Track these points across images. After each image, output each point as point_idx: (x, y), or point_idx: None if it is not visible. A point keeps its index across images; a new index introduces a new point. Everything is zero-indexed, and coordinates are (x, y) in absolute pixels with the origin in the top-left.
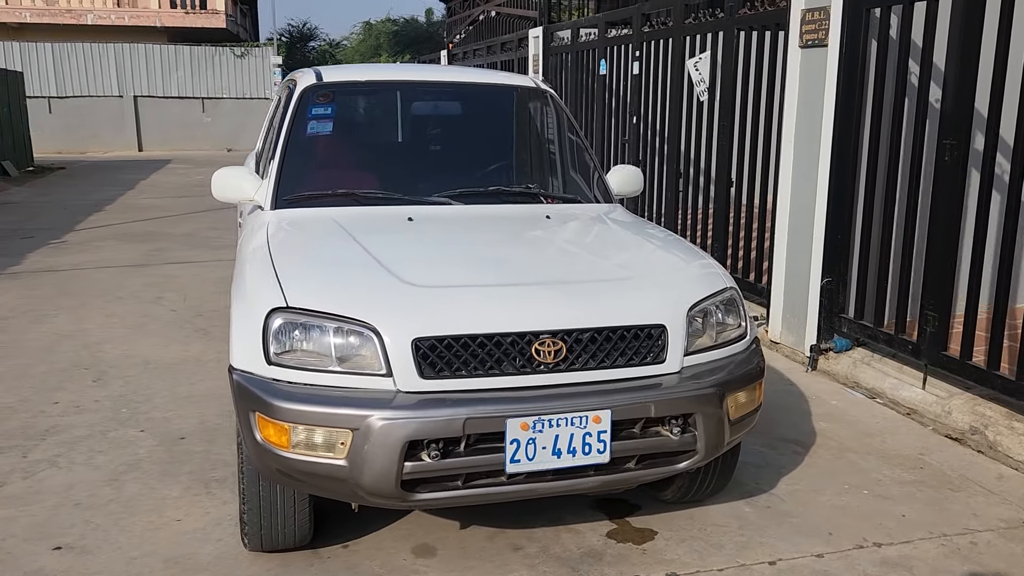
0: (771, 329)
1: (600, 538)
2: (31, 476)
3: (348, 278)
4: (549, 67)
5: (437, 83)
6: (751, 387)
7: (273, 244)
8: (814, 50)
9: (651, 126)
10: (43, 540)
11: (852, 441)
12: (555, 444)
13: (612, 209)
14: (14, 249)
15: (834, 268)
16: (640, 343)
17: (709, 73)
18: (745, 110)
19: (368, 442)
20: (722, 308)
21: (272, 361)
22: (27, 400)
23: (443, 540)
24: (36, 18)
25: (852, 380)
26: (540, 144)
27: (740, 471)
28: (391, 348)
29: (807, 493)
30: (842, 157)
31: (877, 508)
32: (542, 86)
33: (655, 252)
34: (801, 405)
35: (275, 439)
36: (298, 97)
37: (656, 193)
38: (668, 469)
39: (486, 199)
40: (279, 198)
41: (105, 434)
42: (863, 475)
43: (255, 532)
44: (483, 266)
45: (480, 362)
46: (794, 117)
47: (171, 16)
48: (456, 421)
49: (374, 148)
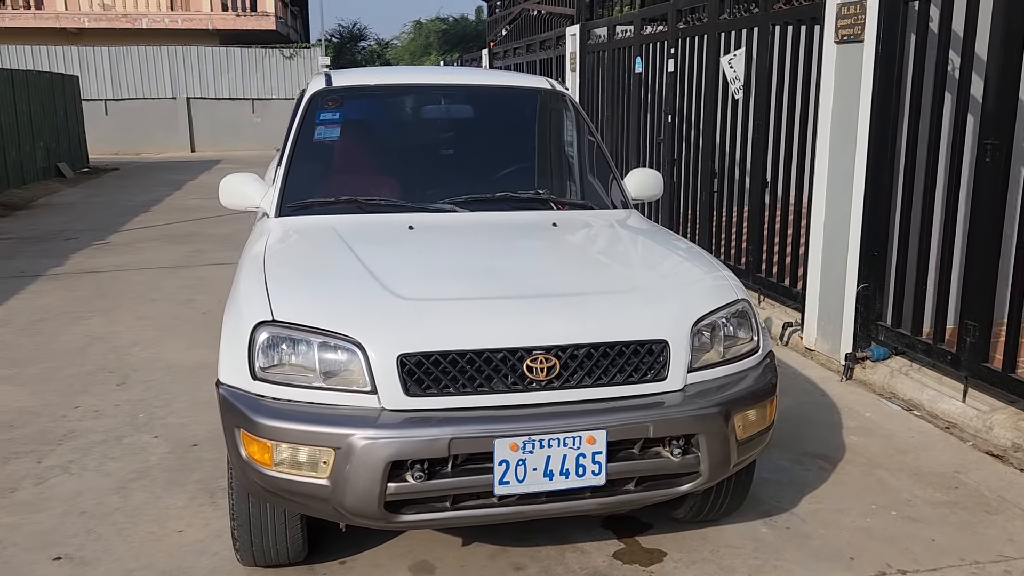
0: (806, 336)
1: (606, 559)
2: (42, 482)
3: (337, 291)
4: (586, 65)
5: (448, 86)
6: (761, 405)
7: (269, 254)
8: (850, 46)
9: (686, 125)
10: (44, 549)
11: (883, 457)
12: (547, 465)
13: (626, 215)
14: (59, 250)
15: (871, 273)
16: (640, 359)
17: (744, 70)
18: (780, 109)
19: (350, 462)
20: (733, 322)
21: (258, 376)
22: (50, 404)
23: (443, 558)
24: (94, 23)
25: (889, 391)
26: (553, 148)
27: (760, 488)
28: (376, 364)
29: (830, 513)
30: (878, 157)
31: (905, 531)
32: (557, 88)
33: (663, 263)
34: (832, 417)
35: (258, 456)
36: (307, 102)
37: (691, 194)
38: (670, 492)
39: (493, 206)
40: (283, 205)
41: (120, 440)
42: (892, 494)
43: (246, 548)
44: (477, 278)
45: (469, 379)
46: (829, 116)
47: (222, 19)
48: (441, 441)
49: (381, 153)
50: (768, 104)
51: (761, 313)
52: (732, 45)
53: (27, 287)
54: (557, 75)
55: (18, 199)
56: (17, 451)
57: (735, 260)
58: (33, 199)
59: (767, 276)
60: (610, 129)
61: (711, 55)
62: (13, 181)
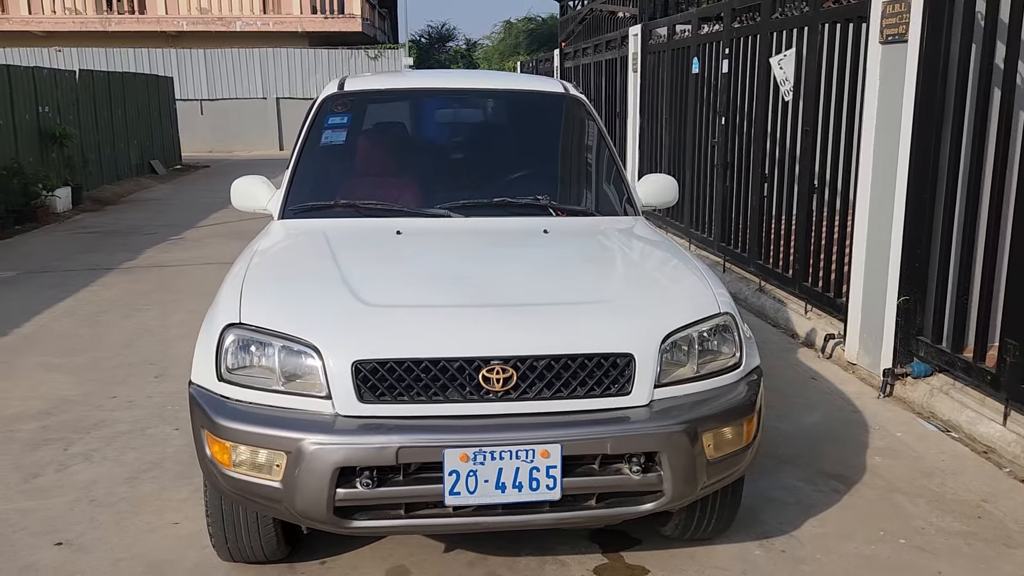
0: (848, 349)
1: (585, 573)
2: (64, 469)
3: (305, 296)
4: (647, 66)
5: (460, 91)
6: (737, 423)
7: (255, 258)
8: (894, 46)
9: (738, 127)
10: (49, 535)
11: (905, 481)
12: (499, 478)
13: (631, 223)
14: (135, 245)
15: (912, 284)
16: (603, 373)
17: (794, 72)
18: (828, 112)
19: (299, 467)
20: (714, 336)
21: (223, 377)
22: (89, 393)
23: (421, 564)
24: (191, 26)
25: (927, 410)
26: (563, 153)
27: (763, 507)
28: (331, 370)
29: (833, 538)
30: (921, 162)
31: (911, 562)
32: (571, 92)
33: (645, 273)
34: (859, 435)
35: (219, 457)
36: (317, 107)
37: (743, 199)
38: (632, 510)
39: (489, 211)
40: (286, 208)
41: (144, 431)
42: (905, 521)
43: (221, 545)
44: (446, 285)
45: (424, 388)
46: (874, 120)
47: (311, 21)
48: (389, 449)
49: (387, 157)
50: (816, 107)
51: (806, 324)
52: (783, 46)
53: (98, 280)
54: (620, 76)
55: (110, 194)
56: (49, 438)
57: (783, 268)
58: (124, 195)
59: (813, 285)
60: (669, 132)
61: (763, 56)
62: (108, 177)
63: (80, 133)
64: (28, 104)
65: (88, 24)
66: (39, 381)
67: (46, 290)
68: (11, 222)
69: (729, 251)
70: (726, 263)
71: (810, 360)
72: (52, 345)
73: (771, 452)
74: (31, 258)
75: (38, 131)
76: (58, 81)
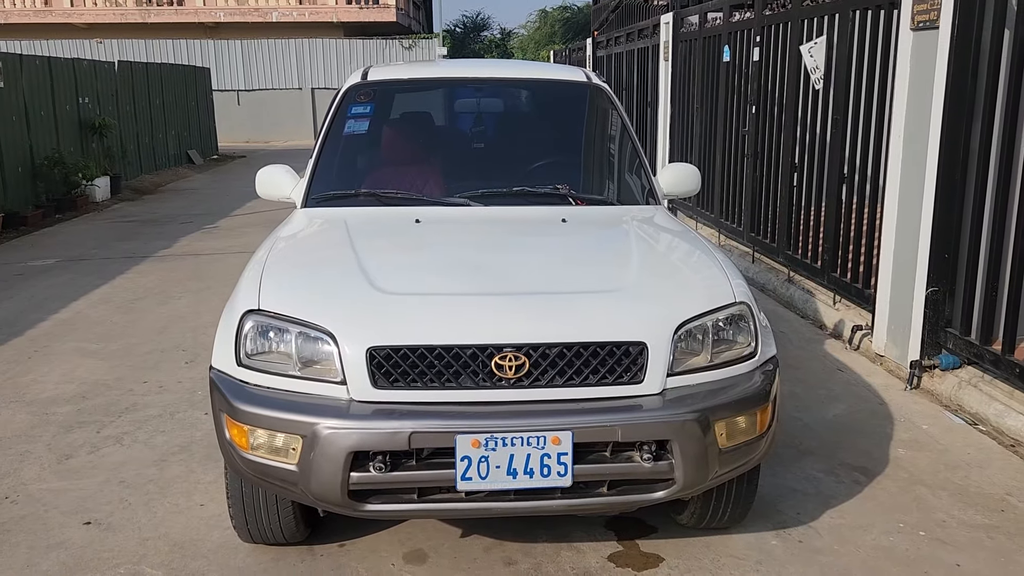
0: (875, 340)
1: (600, 560)
2: (96, 451)
3: (322, 283)
4: (678, 55)
5: (482, 80)
6: (751, 412)
7: (276, 245)
8: (925, 33)
9: (768, 116)
10: (79, 514)
11: (928, 473)
12: (510, 464)
13: (652, 212)
14: (171, 233)
15: (941, 275)
16: (615, 361)
17: (824, 59)
18: (859, 101)
19: (314, 450)
20: (729, 325)
21: (242, 363)
22: (122, 378)
23: (438, 547)
24: (228, 17)
25: (955, 403)
26: (586, 142)
27: (782, 497)
28: (346, 356)
29: (851, 529)
30: (951, 152)
31: (929, 554)
32: (594, 80)
33: (661, 262)
34: (884, 427)
35: (238, 440)
36: (340, 96)
37: (772, 189)
38: (643, 498)
39: (509, 200)
40: (309, 197)
41: (173, 415)
42: (926, 513)
43: (242, 526)
44: (461, 273)
45: (436, 374)
46: (904, 109)
47: (346, 11)
48: (401, 434)
49: (407, 147)
50: (847, 95)
51: (834, 315)
52: (814, 33)
53: (134, 267)
54: (652, 65)
55: (148, 184)
56: (83, 420)
57: (812, 258)
58: (162, 184)
59: (841, 276)
60: (699, 121)
61: (794, 43)
62: (146, 167)
63: (119, 124)
64: (69, 95)
65: (128, 16)
66: (75, 366)
67: (83, 277)
68: (52, 211)
69: (758, 241)
70: (755, 253)
71: (837, 351)
72: (88, 331)
73: (793, 443)
74: (70, 246)
75: (78, 122)
76: (98, 72)
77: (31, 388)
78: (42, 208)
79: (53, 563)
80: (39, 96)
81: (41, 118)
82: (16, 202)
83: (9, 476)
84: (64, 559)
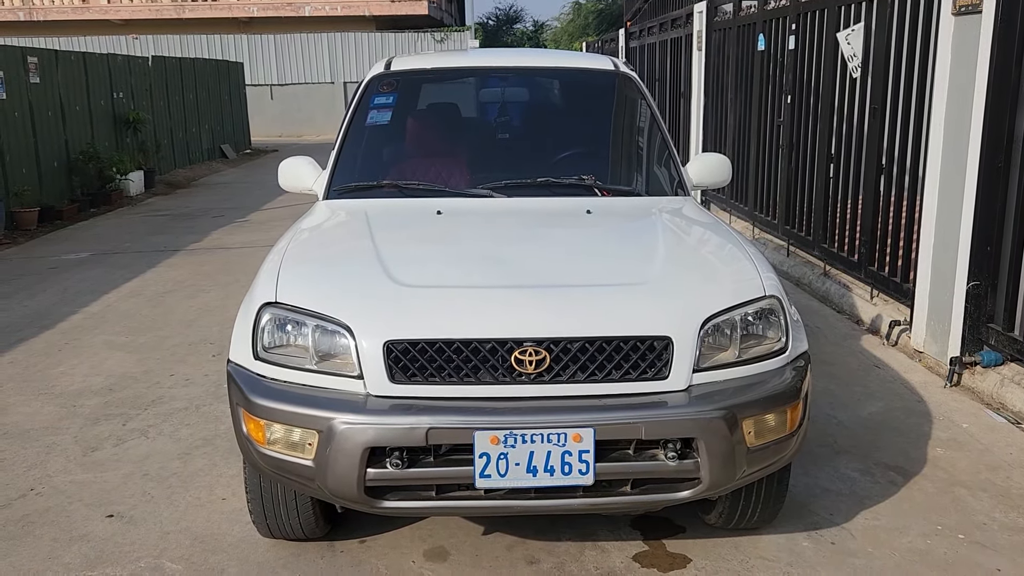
0: (914, 336)
1: (625, 560)
2: (121, 444)
3: (341, 275)
4: (712, 44)
5: (508, 69)
6: (780, 410)
7: (298, 237)
8: (967, 17)
9: (804, 106)
10: (102, 506)
11: (968, 473)
12: (530, 461)
13: (681, 203)
14: (202, 227)
15: (982, 269)
16: (639, 356)
17: (862, 47)
18: (898, 89)
19: (331, 446)
20: (759, 319)
21: (259, 356)
22: (150, 371)
23: (460, 545)
24: (262, 12)
25: (997, 401)
26: (614, 132)
27: (815, 498)
28: (363, 350)
29: (886, 532)
30: (994, 141)
31: (968, 558)
32: (622, 68)
33: (688, 254)
34: (922, 426)
35: (255, 434)
36: (363, 87)
37: (808, 180)
38: (667, 497)
39: (533, 191)
40: (330, 189)
41: (199, 408)
42: (966, 516)
43: (260, 521)
44: (482, 266)
45: (455, 369)
46: (944, 97)
47: (379, 5)
48: (418, 430)
49: (430, 138)
50: (885, 83)
51: (871, 310)
52: (852, 20)
53: (165, 261)
54: (685, 55)
55: (181, 178)
56: (109, 413)
57: (848, 252)
58: (195, 178)
59: (879, 270)
60: (733, 112)
61: (831, 31)
62: (179, 161)
63: (153, 118)
64: (103, 90)
65: (163, 12)
66: (103, 358)
67: (115, 271)
68: (87, 205)
69: (793, 234)
70: (790, 247)
71: (874, 347)
72: (117, 324)
73: (827, 441)
74: (103, 240)
75: (113, 116)
76: (132, 67)
77: (60, 380)
78: (77, 202)
79: (75, 556)
80: (74, 91)
81: (76, 113)
82: (51, 196)
83: (35, 468)
84: (86, 552)
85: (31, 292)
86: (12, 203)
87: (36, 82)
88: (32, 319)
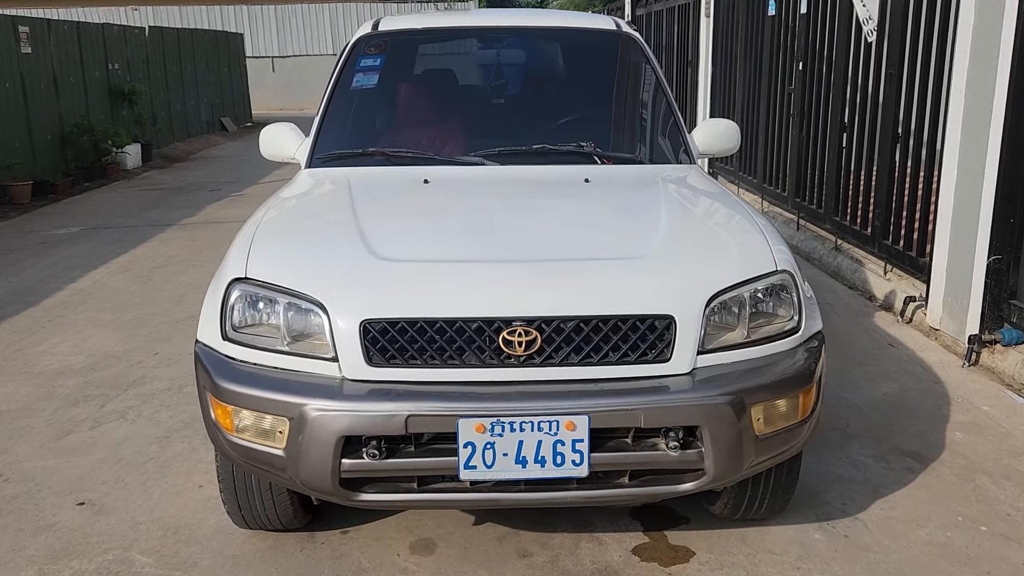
0: (930, 313)
1: (623, 553)
2: (97, 427)
3: (316, 248)
4: (720, 10)
5: (502, 29)
6: (792, 395)
7: (272, 209)
8: None
9: (816, 73)
10: (72, 494)
11: (989, 460)
12: (519, 451)
13: (685, 172)
14: (198, 201)
15: (1005, 242)
16: (638, 337)
17: (878, 8)
18: (915, 52)
19: (303, 434)
20: (769, 296)
21: (228, 336)
22: (133, 349)
23: (448, 537)
24: None
25: (1019, 381)
26: (614, 96)
27: (826, 486)
28: (338, 329)
29: (903, 523)
30: (1019, 106)
31: (991, 551)
32: (624, 29)
33: (693, 226)
34: (940, 408)
35: (223, 421)
36: (349, 48)
37: (819, 150)
38: (669, 489)
39: (528, 159)
40: (313, 156)
41: (181, 389)
42: (988, 505)
43: (235, 512)
44: (468, 238)
45: (438, 350)
46: (966, 60)
47: None
48: (397, 418)
49: (419, 102)
50: (902, 47)
51: (885, 285)
52: None
53: (157, 235)
54: (693, 22)
55: (180, 152)
56: (88, 394)
57: (862, 225)
58: (193, 151)
59: (894, 243)
60: (743, 80)
61: None
62: (178, 134)
63: (150, 90)
64: (98, 61)
65: None
66: (87, 336)
67: (106, 246)
68: (81, 179)
69: (804, 207)
70: (800, 220)
71: (888, 325)
72: (104, 300)
73: (839, 425)
74: (96, 214)
75: (108, 88)
76: (127, 38)
77: (40, 360)
78: (71, 176)
79: (40, 547)
80: (68, 62)
81: (70, 84)
82: (45, 170)
83: (4, 453)
84: (52, 543)
85: (20, 267)
86: (4, 177)
87: (28, 52)
88: (18, 295)
